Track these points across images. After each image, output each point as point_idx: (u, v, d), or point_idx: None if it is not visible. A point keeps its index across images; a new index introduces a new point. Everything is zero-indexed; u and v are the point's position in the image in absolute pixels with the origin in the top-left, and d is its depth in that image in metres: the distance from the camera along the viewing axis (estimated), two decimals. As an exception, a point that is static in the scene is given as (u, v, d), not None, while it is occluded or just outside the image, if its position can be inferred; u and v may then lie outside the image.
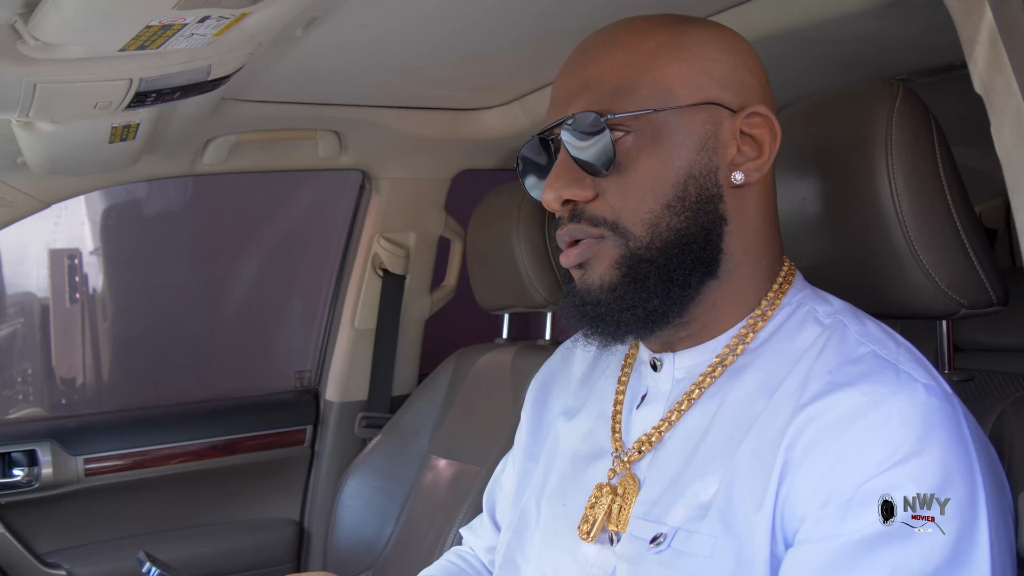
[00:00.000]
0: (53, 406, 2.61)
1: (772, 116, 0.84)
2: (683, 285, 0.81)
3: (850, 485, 0.71)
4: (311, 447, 2.20)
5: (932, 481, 0.69)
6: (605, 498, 0.85)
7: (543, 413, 1.03)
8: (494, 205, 1.89)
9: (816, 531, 0.71)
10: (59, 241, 2.57)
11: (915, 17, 1.16)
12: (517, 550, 0.95)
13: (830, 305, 0.84)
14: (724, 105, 0.83)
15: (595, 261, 0.83)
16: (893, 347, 0.79)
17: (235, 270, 2.72)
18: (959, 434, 0.72)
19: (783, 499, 0.74)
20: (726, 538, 0.75)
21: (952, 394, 0.76)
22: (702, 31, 0.85)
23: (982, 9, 0.76)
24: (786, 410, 0.76)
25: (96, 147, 1.46)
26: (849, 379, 0.75)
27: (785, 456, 0.74)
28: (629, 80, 0.82)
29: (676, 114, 0.81)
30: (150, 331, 2.63)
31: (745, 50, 0.87)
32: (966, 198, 0.91)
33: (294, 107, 1.75)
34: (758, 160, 0.84)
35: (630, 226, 0.81)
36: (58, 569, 1.87)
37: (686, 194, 0.81)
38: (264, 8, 0.92)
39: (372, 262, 2.17)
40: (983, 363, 1.22)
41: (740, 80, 0.84)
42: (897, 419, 0.71)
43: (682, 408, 0.84)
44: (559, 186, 0.83)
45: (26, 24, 0.90)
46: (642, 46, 0.83)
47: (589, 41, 0.87)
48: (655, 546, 0.79)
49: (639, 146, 0.81)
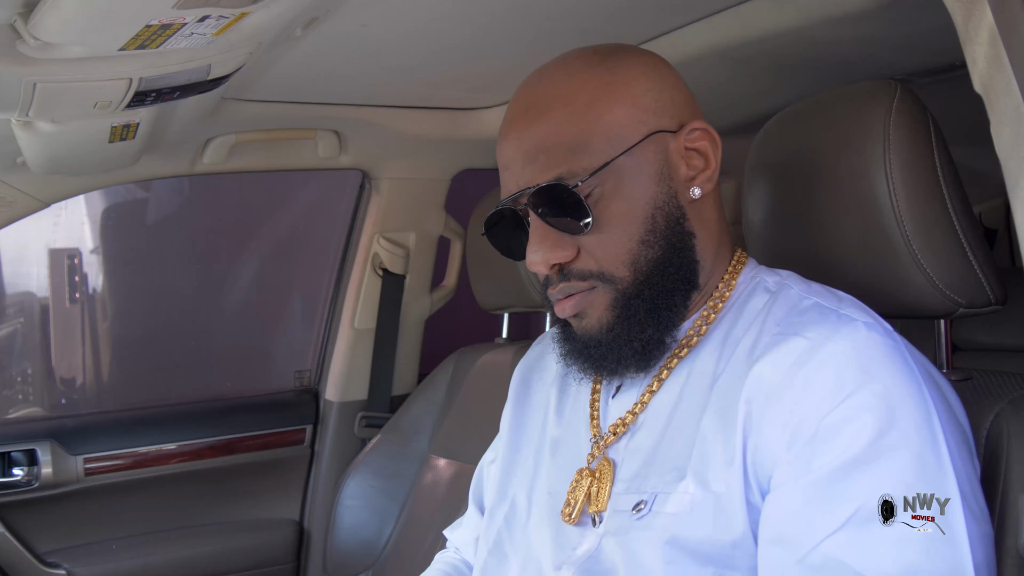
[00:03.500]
0: (53, 406, 2.61)
1: (708, 126, 0.89)
2: (669, 307, 0.87)
3: (810, 424, 0.75)
4: (311, 447, 2.19)
5: (884, 405, 0.74)
6: (584, 481, 0.90)
7: (524, 407, 1.07)
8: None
9: (787, 474, 0.76)
10: (59, 241, 2.57)
11: (915, 17, 1.16)
12: (507, 539, 0.98)
13: (778, 276, 0.90)
14: (665, 130, 0.88)
15: (590, 309, 0.88)
16: (835, 299, 0.84)
17: (235, 270, 2.72)
18: (903, 361, 0.77)
19: (752, 450, 0.78)
20: (703, 494, 0.79)
21: (892, 331, 0.80)
22: (627, 64, 0.89)
23: (982, 9, 0.76)
24: (741, 367, 0.82)
25: (96, 147, 1.46)
26: (794, 328, 0.80)
27: (746, 408, 0.79)
28: (578, 136, 0.85)
29: (629, 156, 0.86)
30: (150, 331, 2.63)
31: (664, 69, 0.91)
32: (964, 198, 0.91)
33: (294, 107, 1.75)
34: (707, 171, 0.89)
35: (614, 271, 0.87)
36: (58, 569, 1.87)
37: (655, 225, 0.86)
38: (264, 8, 0.92)
39: (372, 262, 2.17)
40: (981, 363, 1.22)
41: (671, 100, 0.89)
42: (841, 355, 0.76)
43: (653, 389, 0.89)
44: (544, 252, 0.87)
45: (26, 24, 0.90)
46: (579, 97, 0.86)
47: (524, 101, 0.89)
48: (636, 513, 0.83)
49: (607, 196, 0.86)
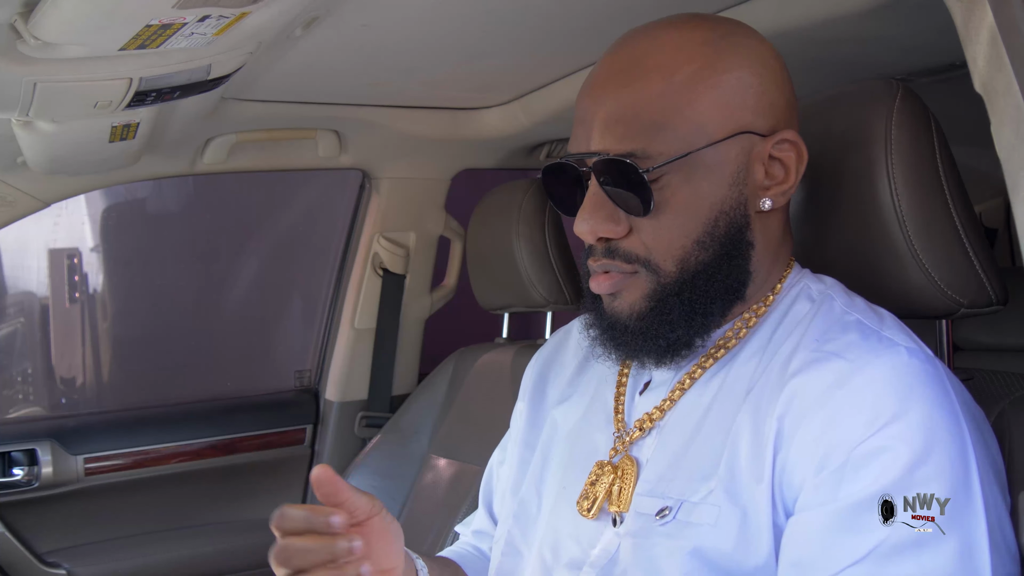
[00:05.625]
0: (53, 406, 2.61)
1: (800, 140, 0.84)
2: (705, 313, 0.83)
3: (842, 450, 0.72)
4: (311, 447, 2.19)
5: (920, 439, 0.71)
6: (606, 476, 0.86)
7: (541, 402, 1.03)
8: (494, 205, 1.89)
9: (813, 498, 0.73)
10: (59, 240, 2.57)
11: (915, 17, 1.16)
12: (519, 537, 0.96)
13: (823, 283, 0.86)
14: (756, 132, 0.82)
15: (626, 292, 0.84)
16: (876, 317, 0.81)
17: (235, 270, 2.72)
18: (943, 392, 0.73)
19: (780, 469, 0.75)
20: (730, 507, 0.76)
21: (934, 357, 0.77)
22: (741, 50, 0.82)
23: (982, 9, 0.76)
24: (777, 380, 0.78)
25: (96, 147, 1.46)
26: (834, 347, 0.77)
27: (777, 425, 0.76)
28: (664, 116, 0.79)
29: (711, 150, 0.80)
30: (150, 331, 2.63)
31: (776, 67, 0.85)
32: (966, 198, 0.91)
33: (294, 106, 1.75)
34: (784, 184, 0.84)
35: (661, 263, 0.82)
36: (58, 568, 1.87)
37: (715, 229, 0.82)
38: (264, 8, 0.92)
39: (372, 262, 2.17)
40: (983, 362, 1.22)
41: (771, 102, 0.83)
42: (880, 381, 0.73)
43: (684, 387, 0.86)
44: (595, 223, 0.82)
45: (26, 23, 0.90)
46: (678, 73, 0.80)
47: (622, 57, 0.82)
48: (660, 519, 0.80)
49: (674, 185, 0.81)
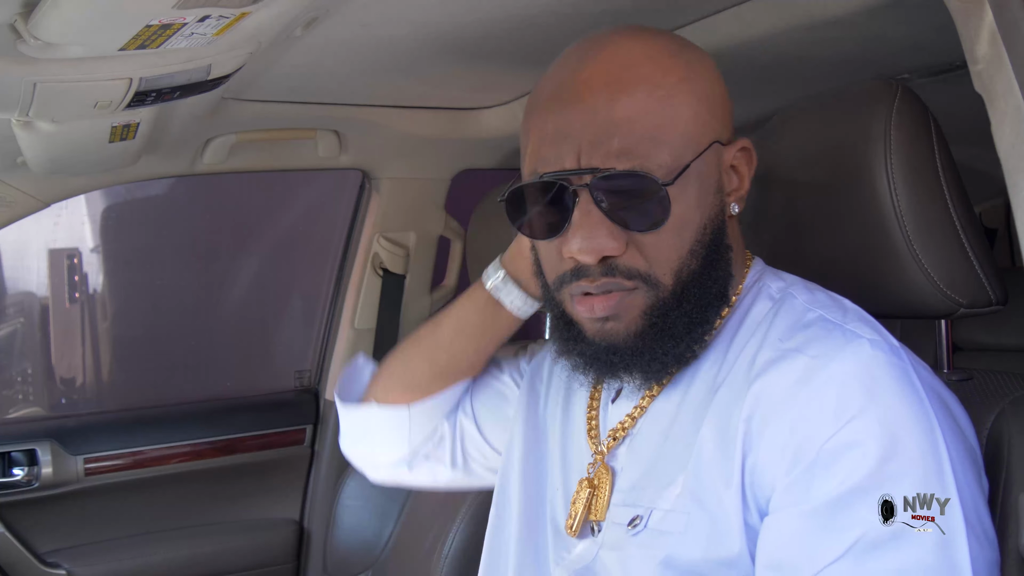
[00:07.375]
0: (53, 406, 2.61)
1: (752, 147, 0.85)
2: (703, 322, 0.82)
3: (811, 448, 0.71)
4: (311, 447, 2.19)
5: (887, 432, 0.70)
6: (584, 492, 0.87)
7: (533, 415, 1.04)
8: (494, 205, 1.88)
9: (787, 499, 0.72)
10: (59, 241, 2.57)
11: (915, 17, 1.16)
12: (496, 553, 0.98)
13: (782, 281, 0.86)
14: (721, 141, 0.83)
15: (624, 313, 0.81)
16: (839, 311, 0.80)
17: (235, 270, 2.72)
18: (908, 382, 0.73)
19: (750, 470, 0.75)
20: (698, 513, 0.76)
21: (900, 347, 0.76)
22: (702, 62, 0.83)
23: (982, 9, 0.76)
24: (742, 381, 0.78)
25: (96, 147, 1.46)
26: (797, 345, 0.76)
27: (745, 427, 0.75)
28: (657, 127, 0.78)
29: (699, 161, 0.80)
30: (150, 331, 2.63)
31: (717, 75, 0.85)
32: (965, 198, 0.91)
33: (294, 107, 1.75)
34: (741, 190, 0.85)
35: (661, 276, 0.80)
36: (58, 569, 1.87)
37: (703, 236, 0.81)
38: (264, 8, 0.92)
39: (372, 262, 2.17)
40: (982, 363, 1.22)
41: (725, 109, 0.84)
42: (845, 376, 0.72)
43: (654, 393, 0.86)
44: (598, 240, 0.78)
45: (26, 23, 0.90)
46: (661, 85, 0.79)
47: (603, 73, 0.79)
48: (632, 528, 0.80)
49: (674, 198, 0.78)
